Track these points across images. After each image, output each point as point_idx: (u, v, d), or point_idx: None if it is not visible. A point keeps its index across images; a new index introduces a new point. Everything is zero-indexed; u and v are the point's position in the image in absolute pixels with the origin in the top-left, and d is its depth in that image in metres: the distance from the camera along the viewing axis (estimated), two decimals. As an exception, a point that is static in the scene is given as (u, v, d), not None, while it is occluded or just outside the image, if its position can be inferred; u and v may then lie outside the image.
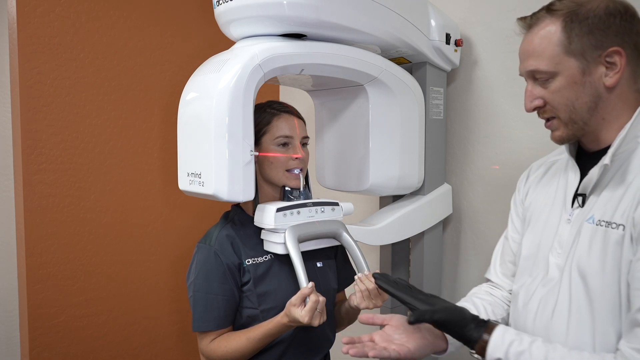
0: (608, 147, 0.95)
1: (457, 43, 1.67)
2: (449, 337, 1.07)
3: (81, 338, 1.94)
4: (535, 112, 1.02)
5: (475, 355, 0.98)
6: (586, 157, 1.02)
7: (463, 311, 1.00)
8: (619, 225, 0.89)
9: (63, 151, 1.88)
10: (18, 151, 1.82)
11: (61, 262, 1.88)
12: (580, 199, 0.98)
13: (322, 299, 1.14)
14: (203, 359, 1.29)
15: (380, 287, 1.12)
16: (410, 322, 0.99)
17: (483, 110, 1.74)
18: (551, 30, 0.93)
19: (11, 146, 1.90)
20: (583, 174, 1.00)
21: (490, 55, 1.71)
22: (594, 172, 0.95)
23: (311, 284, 1.14)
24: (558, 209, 1.04)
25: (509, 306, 1.17)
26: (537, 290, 1.02)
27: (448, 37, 1.64)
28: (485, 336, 0.96)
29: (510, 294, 1.18)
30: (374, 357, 0.99)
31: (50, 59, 1.83)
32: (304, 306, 1.12)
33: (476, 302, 1.18)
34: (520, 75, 1.01)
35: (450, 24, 1.65)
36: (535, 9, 1.04)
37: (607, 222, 0.91)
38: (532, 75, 0.97)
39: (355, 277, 1.22)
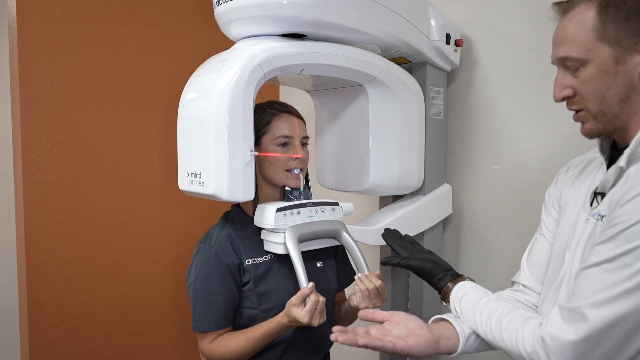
0: None
1: (457, 43, 1.67)
2: (462, 337, 1.02)
3: (81, 338, 1.94)
4: (554, 106, 0.99)
5: (445, 304, 1.08)
6: (618, 154, 0.97)
7: (438, 262, 1.09)
8: (603, 216, 0.90)
9: (63, 151, 1.88)
10: (18, 151, 1.82)
11: (61, 262, 1.88)
12: (600, 197, 0.95)
13: (322, 299, 1.14)
14: (203, 359, 1.29)
15: (385, 241, 1.21)
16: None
17: (483, 110, 1.74)
18: (586, 16, 0.89)
19: (11, 146, 1.90)
20: None
21: (490, 55, 1.71)
22: (611, 173, 0.91)
23: (311, 284, 1.14)
24: (579, 207, 1.01)
25: (535, 311, 1.09)
26: (549, 292, 1.01)
27: (448, 37, 1.64)
28: (449, 285, 1.07)
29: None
30: (364, 346, 0.94)
31: (50, 59, 1.83)
32: (304, 306, 1.12)
33: None
34: (552, 63, 0.97)
35: (450, 24, 1.65)
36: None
37: (602, 215, 0.91)
38: (563, 63, 0.93)
39: (355, 277, 1.23)
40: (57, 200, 1.87)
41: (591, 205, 0.97)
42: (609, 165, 0.97)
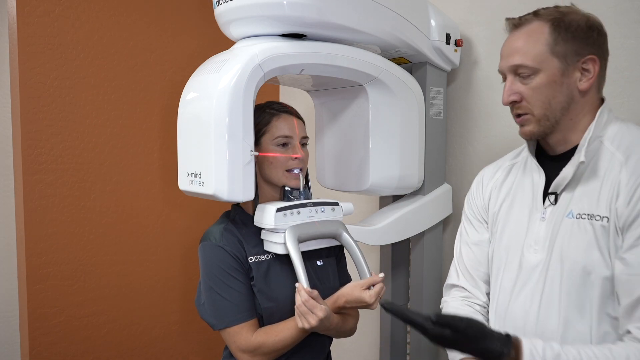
0: (573, 149, 1.04)
1: (457, 43, 1.67)
2: None
3: (81, 338, 1.94)
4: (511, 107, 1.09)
5: None
6: (547, 159, 1.10)
7: (479, 326, 0.96)
8: (603, 217, 0.97)
9: (63, 151, 1.88)
10: (18, 151, 1.82)
11: (61, 262, 1.88)
12: (552, 197, 1.05)
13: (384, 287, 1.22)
14: (245, 356, 1.23)
15: (389, 311, 1.00)
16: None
17: (483, 110, 1.74)
18: (541, 31, 1.02)
19: (11, 146, 1.90)
20: (547, 175, 1.08)
21: (490, 55, 1.71)
22: (568, 171, 1.02)
23: (382, 274, 1.22)
24: (526, 209, 1.10)
25: (484, 315, 1.18)
26: (522, 288, 1.06)
27: (448, 37, 1.64)
28: (512, 351, 0.94)
29: (484, 301, 1.20)
30: None
31: (50, 59, 1.83)
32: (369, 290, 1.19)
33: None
34: (500, 71, 1.08)
35: (450, 24, 1.65)
36: (535, 9, 1.07)
37: (589, 214, 0.99)
38: (515, 71, 1.04)
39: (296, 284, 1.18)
40: (57, 200, 1.87)
41: (544, 204, 1.06)
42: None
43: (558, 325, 1.00)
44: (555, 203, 1.05)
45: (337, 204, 1.32)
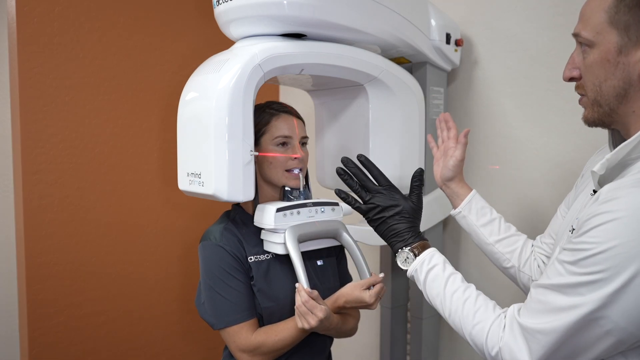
0: None
1: (458, 43, 1.67)
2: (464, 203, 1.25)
3: (81, 338, 1.94)
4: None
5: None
6: None
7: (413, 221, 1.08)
8: (572, 229, 0.88)
9: (63, 151, 1.88)
10: (18, 151, 1.82)
11: (61, 262, 1.88)
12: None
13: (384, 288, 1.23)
14: (244, 356, 1.23)
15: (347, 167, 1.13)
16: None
17: (483, 110, 1.74)
18: None
19: (11, 146, 1.90)
20: None
21: (490, 55, 1.71)
22: (594, 179, 0.88)
23: (382, 274, 1.22)
24: (582, 203, 0.98)
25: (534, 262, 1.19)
26: None
27: (448, 37, 1.63)
28: (415, 250, 1.04)
29: (542, 257, 1.19)
30: None
31: (50, 59, 1.83)
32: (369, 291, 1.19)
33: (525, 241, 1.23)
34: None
35: (450, 24, 1.65)
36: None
37: (574, 229, 0.87)
38: (577, 40, 0.87)
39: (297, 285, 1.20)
40: (57, 200, 1.87)
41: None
42: None
43: None
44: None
45: (337, 204, 1.32)
